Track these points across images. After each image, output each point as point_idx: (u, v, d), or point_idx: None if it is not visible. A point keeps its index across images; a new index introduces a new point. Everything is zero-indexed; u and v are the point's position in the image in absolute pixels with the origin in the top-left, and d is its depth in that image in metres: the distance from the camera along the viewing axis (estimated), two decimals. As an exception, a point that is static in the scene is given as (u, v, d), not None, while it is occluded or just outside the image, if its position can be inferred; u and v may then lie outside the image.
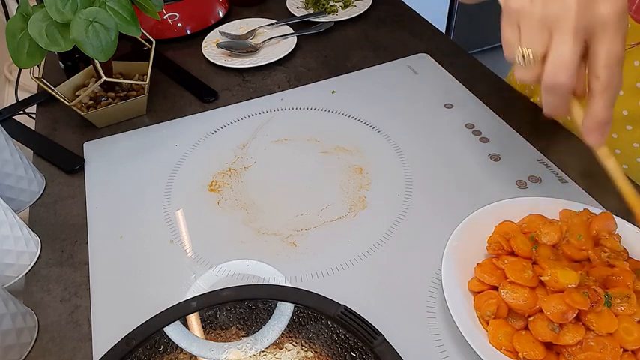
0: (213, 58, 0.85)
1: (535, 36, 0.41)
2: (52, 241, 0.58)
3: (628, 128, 0.58)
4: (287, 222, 0.58)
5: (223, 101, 0.78)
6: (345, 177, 0.63)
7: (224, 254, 0.55)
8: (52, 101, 0.78)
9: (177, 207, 0.61)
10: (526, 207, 0.53)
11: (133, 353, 0.44)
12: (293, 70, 0.83)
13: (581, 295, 0.43)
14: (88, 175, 0.66)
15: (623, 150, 0.60)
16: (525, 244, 0.48)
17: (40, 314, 0.51)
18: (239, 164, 0.66)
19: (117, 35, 0.61)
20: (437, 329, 0.48)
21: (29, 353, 0.48)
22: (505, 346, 0.43)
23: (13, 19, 0.61)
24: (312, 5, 0.97)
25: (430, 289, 0.51)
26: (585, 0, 0.39)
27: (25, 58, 0.61)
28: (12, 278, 0.54)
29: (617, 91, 0.42)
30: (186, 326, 0.47)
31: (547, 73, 0.41)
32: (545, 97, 0.43)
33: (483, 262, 0.49)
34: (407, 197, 0.60)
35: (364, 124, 0.71)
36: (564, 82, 0.41)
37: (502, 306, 0.45)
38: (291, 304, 0.47)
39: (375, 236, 0.56)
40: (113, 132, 0.73)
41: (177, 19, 0.91)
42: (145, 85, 0.72)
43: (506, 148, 0.65)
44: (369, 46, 0.87)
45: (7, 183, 0.59)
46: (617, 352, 0.41)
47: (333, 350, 0.45)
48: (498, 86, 0.77)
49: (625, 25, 0.40)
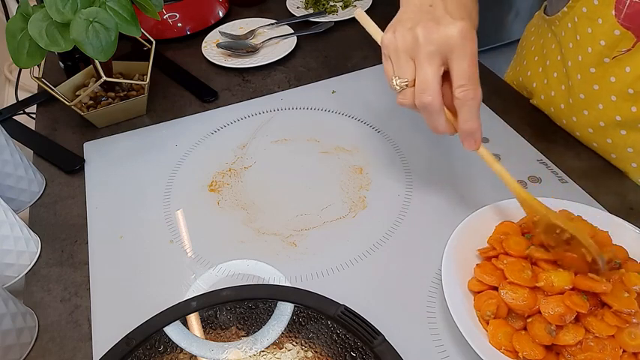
0: (213, 58, 0.85)
1: (403, 66, 0.48)
2: (52, 241, 0.58)
3: (622, 133, 0.58)
4: (287, 222, 0.59)
5: (223, 101, 0.78)
6: (345, 177, 0.63)
7: (224, 254, 0.55)
8: (52, 101, 0.78)
9: (177, 207, 0.61)
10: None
11: (133, 353, 0.44)
12: (293, 70, 0.83)
13: (581, 298, 0.43)
14: (88, 175, 0.66)
15: (619, 155, 0.60)
16: (519, 244, 0.48)
17: (40, 314, 0.51)
18: (239, 164, 0.66)
19: (117, 35, 0.61)
20: (437, 329, 0.48)
21: (29, 353, 0.48)
22: (505, 346, 0.43)
23: (13, 19, 0.61)
24: (312, 5, 0.97)
25: (430, 289, 0.51)
26: (429, 27, 0.46)
27: (25, 58, 0.61)
28: (12, 278, 0.54)
29: (478, 103, 0.46)
30: (186, 326, 0.47)
31: (416, 96, 0.47)
32: (423, 116, 0.49)
33: (483, 262, 0.49)
34: (407, 197, 0.60)
35: (364, 124, 0.71)
36: (431, 102, 0.47)
37: (502, 306, 0.45)
38: (291, 304, 0.47)
39: (375, 236, 0.56)
40: (113, 132, 0.73)
41: (177, 19, 0.91)
42: (145, 85, 0.72)
43: (506, 148, 0.65)
44: (369, 46, 0.87)
45: (7, 183, 0.59)
46: (617, 352, 0.41)
47: (333, 350, 0.45)
48: (498, 86, 0.77)
49: (471, 44, 0.45)
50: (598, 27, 0.56)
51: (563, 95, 0.64)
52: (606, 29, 0.54)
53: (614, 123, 0.58)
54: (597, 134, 0.61)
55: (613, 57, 0.55)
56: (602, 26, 0.55)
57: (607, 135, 0.60)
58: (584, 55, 0.58)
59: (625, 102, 0.56)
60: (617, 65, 0.55)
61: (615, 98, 0.57)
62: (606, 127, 0.59)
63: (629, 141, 0.58)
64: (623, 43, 0.54)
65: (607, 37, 0.55)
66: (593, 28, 0.56)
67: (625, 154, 0.60)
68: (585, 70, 0.59)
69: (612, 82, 0.56)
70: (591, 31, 0.57)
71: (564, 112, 0.65)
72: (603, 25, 0.55)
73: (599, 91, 0.58)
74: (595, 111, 0.60)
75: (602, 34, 0.55)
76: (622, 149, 0.59)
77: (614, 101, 0.57)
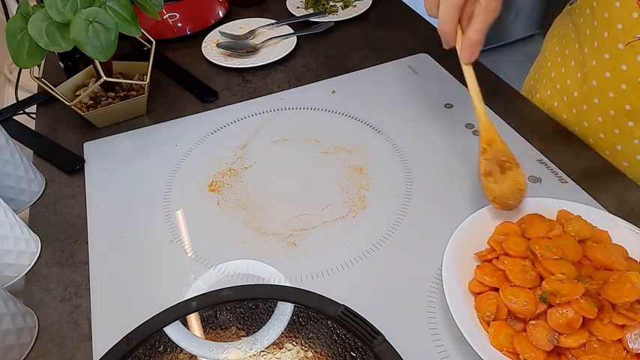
0: (213, 58, 0.85)
1: None
2: (52, 241, 0.58)
3: (630, 124, 0.59)
4: (287, 222, 0.58)
5: (223, 101, 0.78)
6: (345, 177, 0.63)
7: (224, 254, 0.55)
8: (52, 101, 0.78)
9: (177, 207, 0.61)
10: (526, 207, 0.53)
11: (133, 353, 0.44)
12: (293, 70, 0.83)
13: (589, 304, 0.42)
14: (88, 175, 0.66)
15: (624, 146, 0.61)
16: (518, 244, 0.48)
17: (40, 314, 0.51)
18: (239, 164, 0.66)
19: (117, 35, 0.61)
20: (437, 329, 0.48)
21: (29, 353, 0.48)
22: (506, 347, 0.43)
23: (13, 19, 0.61)
24: (312, 5, 0.97)
25: (430, 289, 0.51)
26: None
27: (25, 58, 0.61)
28: (12, 278, 0.54)
29: (494, 17, 0.49)
30: (186, 326, 0.47)
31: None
32: (440, 9, 0.51)
33: (483, 263, 0.49)
34: (407, 197, 0.60)
35: (364, 124, 0.71)
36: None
37: (502, 307, 0.45)
38: (291, 304, 0.47)
39: (375, 236, 0.56)
40: (113, 132, 0.73)
41: (177, 19, 0.91)
42: (145, 85, 0.72)
43: (507, 148, 0.65)
44: (369, 46, 0.87)
45: (7, 183, 0.59)
46: (621, 354, 0.41)
47: (333, 350, 0.45)
48: (498, 86, 0.77)
49: None
50: (615, 10, 0.56)
51: (578, 83, 0.64)
52: (624, 12, 0.55)
53: (624, 112, 0.58)
54: (606, 124, 0.62)
55: (627, 43, 0.55)
56: (619, 9, 0.55)
57: (615, 125, 0.60)
58: (599, 41, 0.59)
59: (635, 91, 0.56)
60: (630, 53, 0.56)
61: (625, 87, 0.57)
62: (615, 115, 0.59)
63: (636, 133, 0.59)
64: (638, 27, 0.54)
65: (624, 20, 0.55)
66: (610, 12, 0.57)
67: (631, 145, 0.60)
68: (600, 56, 0.59)
69: (623, 70, 0.56)
70: (608, 15, 0.57)
71: (577, 100, 0.65)
72: (621, 7, 0.55)
73: (611, 79, 0.58)
74: (606, 99, 0.60)
75: (620, 17, 0.56)
76: (628, 140, 0.60)
77: (624, 90, 0.57)
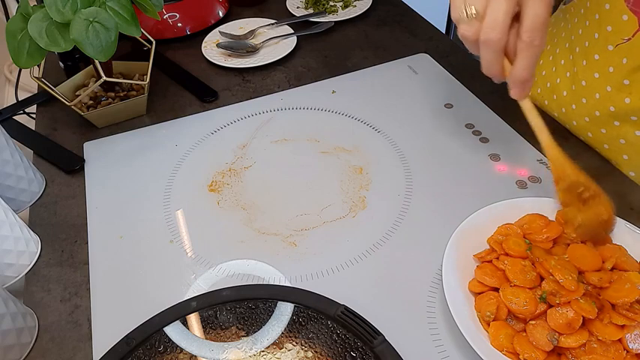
0: (213, 58, 0.85)
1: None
2: (52, 241, 0.58)
3: (615, 124, 0.59)
4: (287, 222, 0.58)
5: (223, 101, 0.78)
6: (345, 177, 0.63)
7: (224, 254, 0.55)
8: (52, 101, 0.78)
9: (177, 207, 0.61)
10: (526, 207, 0.53)
11: (133, 353, 0.44)
12: (293, 70, 0.83)
13: (589, 304, 0.42)
14: (88, 175, 0.66)
15: (611, 146, 0.61)
16: (518, 244, 0.48)
17: (40, 314, 0.51)
18: (239, 164, 0.66)
19: (117, 35, 0.61)
20: (437, 329, 0.48)
21: (29, 353, 0.48)
22: (506, 347, 0.43)
23: (13, 19, 0.61)
24: (312, 5, 0.97)
25: (430, 289, 0.51)
26: None
27: (25, 58, 0.61)
28: (12, 278, 0.54)
29: (539, 52, 0.47)
30: (186, 326, 0.47)
31: (483, 29, 0.47)
32: (481, 53, 0.49)
33: (483, 263, 0.49)
34: (407, 197, 0.60)
35: (364, 124, 0.71)
36: (496, 38, 0.46)
37: (502, 307, 0.45)
38: (291, 304, 0.47)
39: (375, 236, 0.56)
40: (113, 132, 0.73)
41: (177, 19, 0.91)
42: (145, 85, 0.72)
43: (507, 148, 0.65)
44: (369, 46, 0.87)
45: (7, 183, 0.59)
46: (621, 354, 0.41)
47: (333, 350, 0.45)
48: (498, 86, 0.77)
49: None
50: (606, 12, 0.56)
51: (567, 82, 0.65)
52: (614, 14, 0.55)
53: (608, 113, 0.59)
54: (593, 123, 0.62)
55: (616, 45, 0.55)
56: (609, 11, 0.55)
57: (601, 125, 0.61)
58: (590, 41, 0.59)
59: (620, 93, 0.57)
60: (617, 55, 0.56)
61: (610, 89, 0.57)
62: (601, 116, 0.60)
63: (622, 132, 0.59)
64: (627, 30, 0.54)
65: (614, 23, 0.55)
66: (601, 14, 0.57)
67: (617, 145, 0.60)
68: (591, 56, 0.59)
69: (610, 72, 0.57)
70: (598, 17, 0.57)
71: (566, 99, 0.65)
72: (611, 10, 0.55)
73: (599, 80, 0.59)
74: (592, 100, 0.60)
75: (610, 20, 0.56)
76: (615, 140, 0.60)
77: (609, 91, 0.58)
